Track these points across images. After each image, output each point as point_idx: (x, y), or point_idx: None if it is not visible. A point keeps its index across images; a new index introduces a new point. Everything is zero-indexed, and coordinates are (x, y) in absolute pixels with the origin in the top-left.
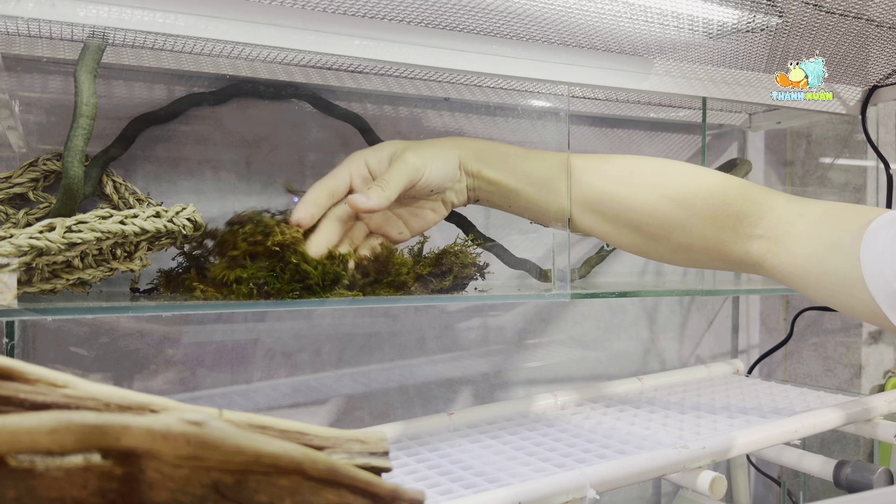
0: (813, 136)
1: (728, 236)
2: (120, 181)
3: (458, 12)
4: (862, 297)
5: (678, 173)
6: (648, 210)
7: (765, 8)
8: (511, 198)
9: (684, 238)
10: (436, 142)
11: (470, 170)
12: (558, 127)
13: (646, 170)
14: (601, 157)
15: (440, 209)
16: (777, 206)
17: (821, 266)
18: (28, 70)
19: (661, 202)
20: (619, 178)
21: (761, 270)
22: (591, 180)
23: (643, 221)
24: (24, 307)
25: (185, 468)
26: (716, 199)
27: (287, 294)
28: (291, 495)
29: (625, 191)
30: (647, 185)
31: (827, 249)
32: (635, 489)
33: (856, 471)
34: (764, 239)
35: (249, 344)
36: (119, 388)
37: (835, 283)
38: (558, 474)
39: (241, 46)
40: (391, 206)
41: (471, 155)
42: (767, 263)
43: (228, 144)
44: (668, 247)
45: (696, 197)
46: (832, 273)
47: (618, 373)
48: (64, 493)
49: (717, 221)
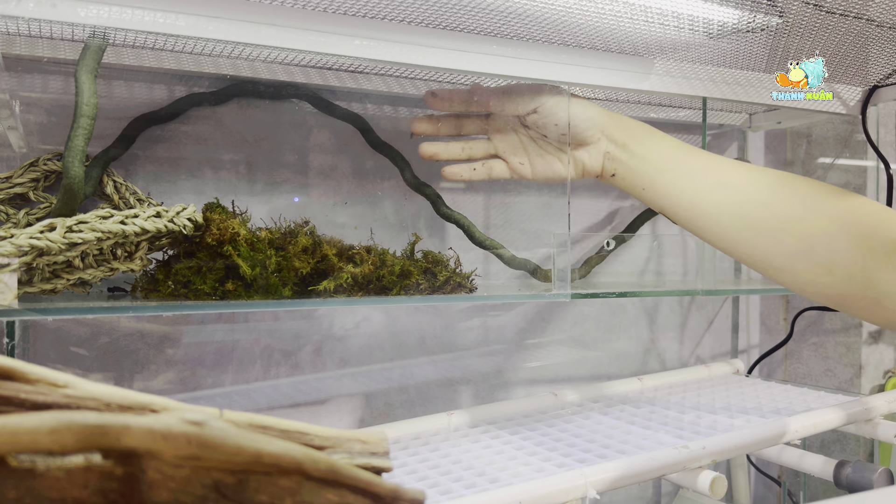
0: (813, 136)
1: (879, 263)
2: (120, 181)
3: (458, 12)
4: None
5: (825, 189)
6: (794, 220)
7: (765, 8)
8: (655, 181)
9: (827, 256)
10: (584, 100)
11: (615, 137)
12: None
13: (789, 177)
14: (726, 163)
15: (568, 165)
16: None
17: None
18: (29, 70)
19: (806, 212)
20: (763, 182)
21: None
22: (733, 180)
23: (785, 230)
24: (24, 307)
25: (186, 468)
26: (871, 217)
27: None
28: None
29: (769, 196)
30: (793, 193)
31: None
32: (635, 489)
33: (856, 471)
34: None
35: (250, 344)
36: (120, 388)
37: None
38: (559, 474)
39: (241, 46)
40: (521, 132)
41: (619, 125)
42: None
43: (229, 144)
44: (809, 264)
45: (849, 213)
46: None
47: (618, 373)
48: (65, 493)
49: (869, 242)
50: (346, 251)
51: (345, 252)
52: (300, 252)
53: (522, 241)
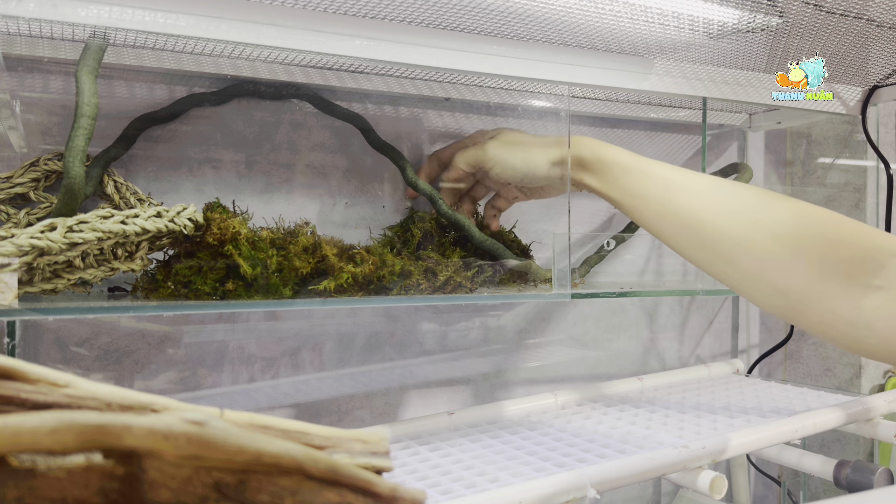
0: (813, 136)
1: (836, 286)
2: (121, 181)
3: (459, 12)
4: None
5: (783, 207)
6: (746, 243)
7: (765, 8)
8: (618, 208)
9: (782, 280)
10: (534, 142)
11: (572, 175)
12: (559, 127)
13: (746, 196)
14: (687, 173)
15: (550, 192)
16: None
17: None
18: (29, 70)
19: (759, 233)
20: (715, 203)
21: (869, 337)
22: (685, 201)
23: (738, 254)
24: (25, 307)
25: (187, 468)
26: (829, 238)
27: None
28: (292, 495)
29: (721, 218)
30: (745, 213)
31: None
32: (635, 489)
33: (856, 471)
34: (884, 291)
35: (250, 343)
36: (120, 388)
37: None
38: (559, 474)
39: (242, 46)
40: None
41: (574, 161)
42: (882, 325)
43: (229, 144)
44: (763, 286)
45: (804, 235)
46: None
47: (618, 373)
48: (65, 492)
49: (826, 265)
50: (347, 251)
51: (345, 252)
52: (301, 252)
53: (523, 241)
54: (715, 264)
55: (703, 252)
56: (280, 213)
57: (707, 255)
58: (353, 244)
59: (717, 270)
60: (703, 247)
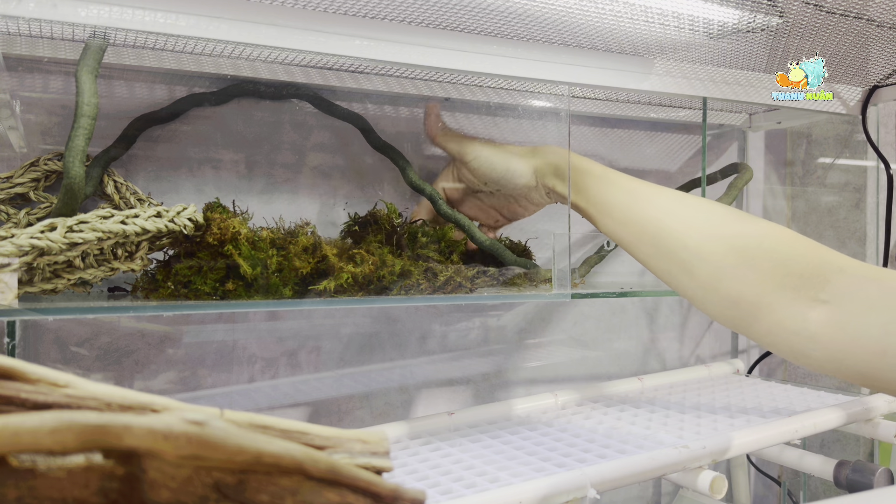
0: (813, 136)
1: (784, 298)
2: (121, 181)
3: (459, 12)
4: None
5: (745, 223)
6: (703, 253)
7: (765, 8)
8: (584, 216)
9: (735, 290)
10: (518, 150)
11: (545, 182)
12: (559, 127)
13: (707, 210)
14: (655, 187)
15: (528, 206)
16: (848, 268)
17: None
18: (29, 70)
19: (716, 245)
20: (676, 214)
21: (815, 350)
22: (649, 211)
23: (695, 264)
24: (25, 307)
25: (187, 468)
26: (781, 253)
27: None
28: (293, 495)
29: (681, 228)
30: (705, 225)
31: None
32: (635, 489)
33: (856, 471)
34: (829, 306)
35: (250, 343)
36: (120, 388)
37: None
38: (559, 474)
39: (242, 47)
40: (482, 198)
41: (549, 168)
42: (826, 338)
43: (229, 144)
44: (717, 297)
45: (759, 248)
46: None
47: (618, 373)
48: (65, 492)
49: (777, 278)
50: (347, 251)
51: (345, 252)
52: (301, 252)
53: (522, 240)
54: (672, 273)
55: (662, 261)
56: (280, 214)
57: (666, 265)
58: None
59: (674, 280)
60: (663, 256)
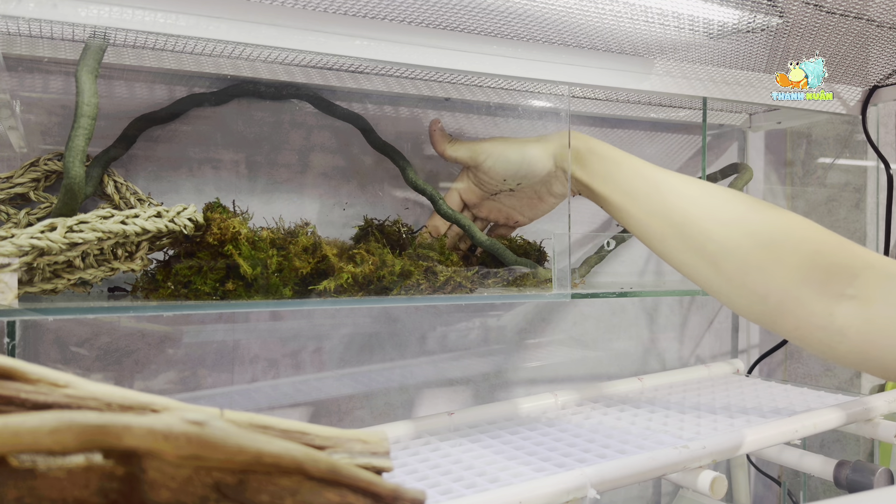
0: (813, 136)
1: (811, 293)
2: (121, 181)
3: (459, 12)
4: None
5: (771, 215)
6: (731, 247)
7: (765, 8)
8: (605, 206)
9: (761, 285)
10: (529, 139)
11: (565, 168)
12: (559, 127)
13: (735, 203)
14: (676, 175)
15: (549, 199)
16: (877, 263)
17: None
18: (29, 70)
19: (743, 238)
20: (706, 207)
21: (841, 344)
22: (678, 202)
23: (721, 256)
24: (25, 307)
25: (187, 468)
26: (809, 247)
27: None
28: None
29: (707, 218)
30: (733, 219)
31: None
32: (635, 489)
33: (856, 471)
34: (856, 301)
35: (250, 343)
36: (120, 388)
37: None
38: (559, 474)
39: (242, 47)
40: (501, 199)
41: (567, 154)
42: (853, 331)
43: (229, 144)
44: (744, 291)
45: (786, 242)
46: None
47: (618, 373)
48: (65, 492)
49: (804, 272)
50: (347, 251)
51: (345, 252)
52: (301, 252)
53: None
54: (698, 267)
55: (687, 254)
56: (280, 214)
57: (691, 258)
58: (353, 244)
59: (699, 274)
60: (689, 249)
